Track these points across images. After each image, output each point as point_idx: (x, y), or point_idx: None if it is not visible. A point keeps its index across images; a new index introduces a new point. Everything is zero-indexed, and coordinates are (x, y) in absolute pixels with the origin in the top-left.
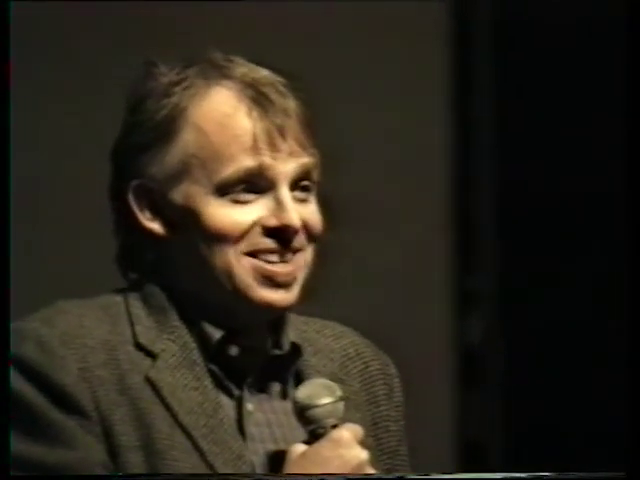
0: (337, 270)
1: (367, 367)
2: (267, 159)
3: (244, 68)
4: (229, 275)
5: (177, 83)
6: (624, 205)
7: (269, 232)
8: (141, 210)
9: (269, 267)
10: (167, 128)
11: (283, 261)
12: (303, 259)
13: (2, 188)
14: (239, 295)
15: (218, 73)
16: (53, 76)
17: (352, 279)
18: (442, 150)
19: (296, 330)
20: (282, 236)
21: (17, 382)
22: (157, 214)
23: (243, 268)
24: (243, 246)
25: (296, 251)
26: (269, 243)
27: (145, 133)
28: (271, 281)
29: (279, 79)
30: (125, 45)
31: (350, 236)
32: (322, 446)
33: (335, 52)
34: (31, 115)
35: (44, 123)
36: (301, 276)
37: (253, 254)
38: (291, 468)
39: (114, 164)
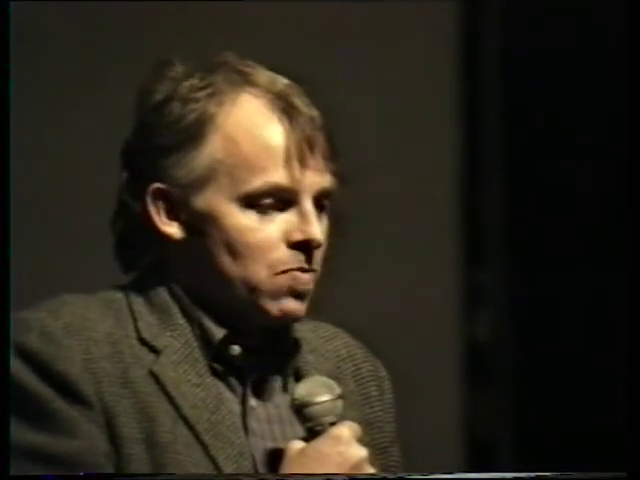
0: (345, 267)
1: (359, 368)
2: (296, 173)
3: (265, 76)
4: (255, 291)
5: (202, 88)
6: (634, 204)
7: (293, 246)
8: (158, 214)
9: (295, 274)
10: (194, 133)
11: (304, 271)
12: (315, 276)
13: (2, 188)
14: (257, 307)
15: (242, 79)
16: (53, 76)
17: (360, 276)
18: (450, 148)
19: (293, 329)
20: (306, 249)
21: (20, 371)
22: (175, 218)
23: (272, 286)
24: (274, 265)
25: (313, 271)
26: (296, 260)
27: (170, 136)
28: (292, 290)
29: (299, 87)
30: (126, 45)
31: (359, 233)
32: (322, 443)
33: (343, 53)
34: (31, 115)
35: (44, 123)
36: (311, 291)
37: (282, 272)
38: (290, 465)
39: (130, 164)
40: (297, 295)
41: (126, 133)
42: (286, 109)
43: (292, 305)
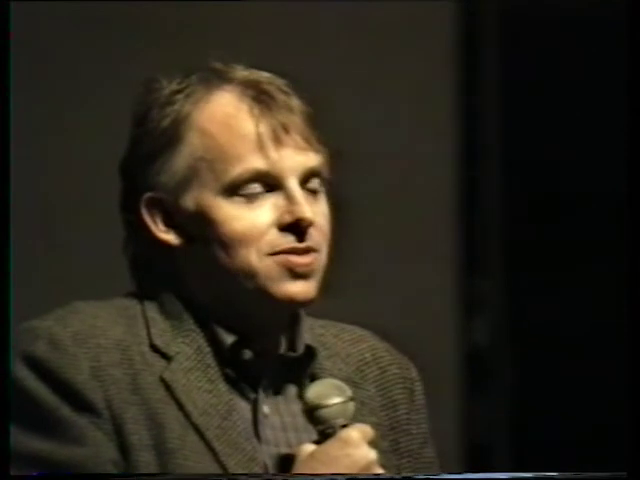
0: (346, 272)
1: (384, 372)
2: (274, 156)
3: (245, 72)
4: (251, 276)
5: (179, 91)
6: (629, 207)
7: (285, 228)
8: (155, 223)
9: (290, 258)
10: (172, 135)
11: (301, 253)
12: (319, 257)
13: (2, 189)
14: (261, 293)
15: (219, 78)
16: (53, 77)
17: (360, 282)
18: (449, 150)
19: (312, 334)
20: (297, 230)
21: (28, 380)
22: (171, 225)
23: (266, 267)
24: (263, 247)
25: (312, 250)
26: (287, 241)
27: (151, 142)
28: (291, 272)
29: (281, 80)
30: (126, 45)
31: (358, 239)
32: (330, 446)
33: (343, 53)
34: (31, 116)
35: (44, 124)
36: (318, 271)
37: (274, 253)
38: (299, 468)
39: (124, 177)
40: (298, 276)
41: (127, 133)
42: (257, 96)
43: (294, 287)
